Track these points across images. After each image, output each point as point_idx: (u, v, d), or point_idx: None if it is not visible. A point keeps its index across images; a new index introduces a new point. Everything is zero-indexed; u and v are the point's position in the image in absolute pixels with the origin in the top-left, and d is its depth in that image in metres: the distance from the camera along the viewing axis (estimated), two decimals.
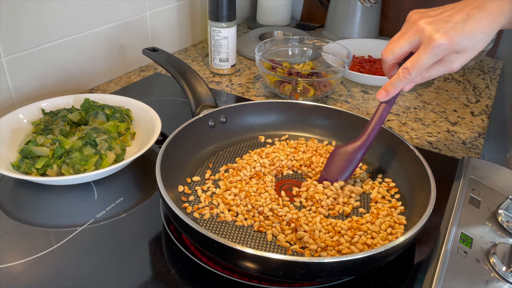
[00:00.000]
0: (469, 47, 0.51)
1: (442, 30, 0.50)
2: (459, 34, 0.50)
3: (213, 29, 0.96)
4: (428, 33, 0.51)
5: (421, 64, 0.52)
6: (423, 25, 0.52)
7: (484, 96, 0.97)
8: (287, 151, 0.70)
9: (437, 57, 0.52)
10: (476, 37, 0.51)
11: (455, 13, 0.52)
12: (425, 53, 0.51)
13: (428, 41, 0.51)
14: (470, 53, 0.52)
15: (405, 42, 0.54)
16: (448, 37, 0.50)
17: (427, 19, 0.52)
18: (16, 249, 0.53)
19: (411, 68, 0.53)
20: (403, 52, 0.55)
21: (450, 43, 0.50)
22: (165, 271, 0.51)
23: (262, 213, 0.57)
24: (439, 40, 0.50)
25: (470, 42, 0.51)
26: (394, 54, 0.55)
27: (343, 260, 0.43)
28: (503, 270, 0.48)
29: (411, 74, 0.53)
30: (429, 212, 0.50)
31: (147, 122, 0.72)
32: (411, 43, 0.54)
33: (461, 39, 0.50)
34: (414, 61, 0.53)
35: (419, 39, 0.52)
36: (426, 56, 0.51)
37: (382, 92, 0.57)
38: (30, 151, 0.61)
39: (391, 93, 0.56)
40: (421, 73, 0.54)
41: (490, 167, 0.67)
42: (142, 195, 0.63)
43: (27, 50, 0.78)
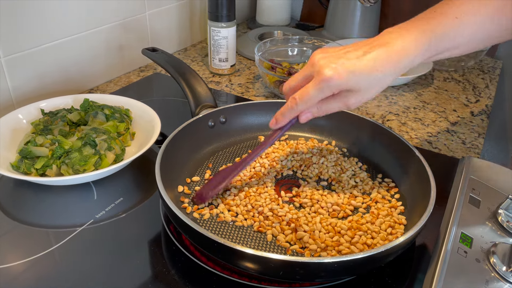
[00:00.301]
0: (363, 87, 0.50)
1: (332, 66, 0.49)
2: (347, 71, 0.49)
3: (213, 29, 0.96)
4: (318, 67, 0.50)
5: (308, 96, 0.52)
6: (317, 59, 0.51)
7: (484, 96, 0.97)
8: (287, 151, 0.70)
9: (324, 92, 0.51)
10: (370, 74, 0.50)
11: (353, 50, 0.51)
12: (312, 87, 0.51)
13: (317, 75, 0.50)
14: (366, 92, 0.51)
15: (300, 75, 0.54)
16: (336, 73, 0.49)
17: (324, 54, 0.51)
18: (15, 250, 0.53)
19: (298, 99, 0.53)
20: (297, 85, 0.55)
21: (338, 79, 0.49)
22: (165, 271, 0.51)
23: (262, 213, 0.57)
24: (326, 75, 0.49)
25: (363, 81, 0.50)
26: (290, 86, 0.56)
27: (343, 260, 0.43)
28: (503, 270, 0.48)
29: (298, 104, 0.53)
30: (429, 212, 0.50)
31: (147, 122, 0.72)
32: (304, 76, 0.54)
33: (351, 77, 0.49)
34: (302, 93, 0.52)
35: (311, 73, 0.52)
36: (312, 90, 0.51)
37: (273, 120, 0.57)
38: (30, 152, 0.61)
39: (281, 122, 0.56)
40: (310, 105, 0.53)
41: (490, 167, 0.66)
42: (141, 195, 0.63)
43: (26, 50, 0.78)
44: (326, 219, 0.56)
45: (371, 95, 0.52)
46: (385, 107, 0.90)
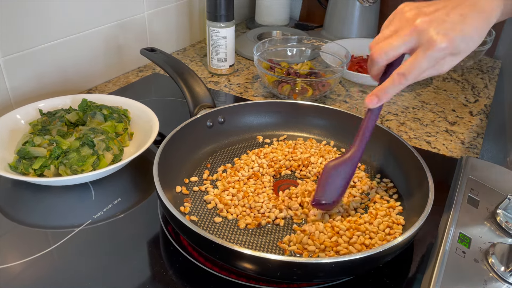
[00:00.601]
0: (464, 49, 0.48)
1: (442, 32, 0.47)
2: (458, 36, 0.47)
3: (212, 29, 0.96)
4: (429, 36, 0.47)
5: (419, 69, 0.48)
6: (422, 25, 0.47)
7: (483, 96, 0.97)
8: (285, 151, 0.70)
9: (437, 61, 0.48)
10: (473, 38, 0.48)
11: (451, 11, 0.48)
12: (425, 58, 0.47)
13: (428, 44, 0.47)
14: (463, 55, 0.49)
15: (401, 43, 0.49)
16: (448, 40, 0.47)
17: (424, 18, 0.48)
18: (13, 250, 0.53)
19: (408, 73, 0.48)
20: (397, 54, 0.50)
21: (451, 46, 0.47)
22: (163, 272, 0.50)
23: (263, 215, 0.57)
24: (441, 43, 0.46)
25: (467, 44, 0.48)
26: (387, 56, 0.50)
27: (341, 260, 0.43)
28: (501, 270, 0.48)
29: (408, 79, 0.49)
30: (427, 212, 0.50)
31: (145, 122, 0.72)
32: (408, 45, 0.49)
33: (460, 41, 0.47)
34: (412, 66, 0.48)
35: (417, 41, 0.48)
36: (425, 61, 0.48)
37: (373, 98, 0.52)
38: (28, 152, 0.61)
39: (383, 99, 0.51)
40: (417, 77, 0.49)
41: (489, 167, 0.66)
42: (139, 195, 0.63)
43: (24, 50, 0.78)
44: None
45: (463, 57, 0.50)
46: (384, 107, 0.90)
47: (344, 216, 0.57)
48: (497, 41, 1.20)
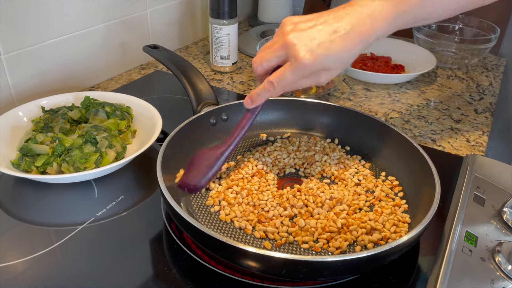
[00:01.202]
0: (334, 66, 0.52)
1: (308, 49, 0.49)
2: (323, 54, 0.49)
3: (214, 26, 0.95)
4: (294, 51, 0.50)
5: (286, 80, 0.52)
6: (291, 39, 0.50)
7: (488, 94, 0.96)
8: (290, 149, 0.69)
9: (302, 75, 0.51)
10: (340, 57, 0.51)
11: (325, 28, 0.50)
12: (290, 71, 0.51)
13: (294, 60, 0.50)
14: (336, 70, 0.53)
15: (273, 55, 0.53)
16: (313, 58, 0.49)
17: (296, 33, 0.50)
18: (16, 248, 0.53)
19: (275, 82, 0.53)
20: (271, 65, 0.54)
21: (314, 63, 0.50)
22: (166, 270, 0.50)
23: (266, 215, 0.56)
24: (305, 60, 0.49)
25: (334, 62, 0.51)
26: (262, 67, 0.55)
27: (346, 259, 0.43)
28: (508, 269, 0.48)
29: (275, 88, 0.53)
30: (433, 211, 0.49)
31: (148, 119, 0.71)
32: (278, 58, 0.53)
33: (326, 59, 0.50)
34: (279, 77, 0.52)
35: (285, 54, 0.52)
36: (290, 74, 0.51)
37: (248, 100, 0.57)
38: (30, 149, 0.61)
39: (256, 102, 0.56)
40: (286, 88, 0.54)
41: (495, 164, 0.66)
42: (143, 193, 0.63)
43: (27, 47, 0.77)
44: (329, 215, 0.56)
45: (340, 71, 0.54)
46: (388, 104, 0.89)
47: (350, 214, 0.56)
48: (502, 39, 1.19)
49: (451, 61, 1.08)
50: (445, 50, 1.09)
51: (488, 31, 1.10)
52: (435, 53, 1.05)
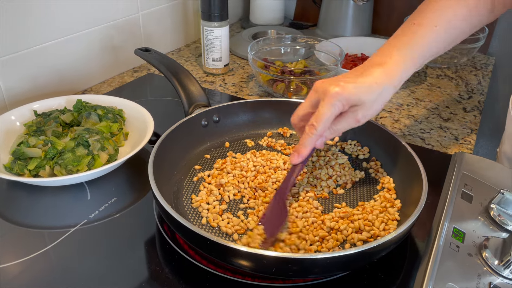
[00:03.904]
0: (367, 100, 0.54)
1: (335, 84, 0.53)
2: (350, 84, 0.53)
3: (206, 29, 0.96)
4: (323, 89, 0.54)
5: (323, 116, 0.53)
6: (319, 85, 0.55)
7: (477, 92, 0.97)
8: (284, 157, 0.69)
9: (336, 107, 0.53)
10: (370, 87, 0.54)
11: (352, 72, 0.56)
12: (324, 106, 0.53)
13: (324, 95, 0.53)
14: (371, 106, 0.54)
15: (306, 103, 0.57)
16: (340, 88, 0.52)
17: (324, 81, 0.55)
18: (9, 251, 0.53)
19: (315, 123, 0.54)
20: (305, 112, 0.57)
21: (343, 91, 0.52)
22: (159, 270, 0.51)
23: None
24: (332, 90, 0.52)
25: (364, 92, 0.53)
26: (298, 116, 0.58)
27: (335, 255, 0.44)
28: (495, 264, 0.49)
29: (317, 129, 0.54)
30: (420, 208, 0.50)
31: (140, 122, 0.72)
32: (310, 103, 0.56)
33: (353, 88, 0.53)
34: (317, 115, 0.54)
35: (316, 98, 0.55)
36: (326, 108, 0.53)
37: (295, 154, 0.57)
38: (22, 153, 0.61)
39: (304, 153, 0.57)
40: (327, 126, 0.55)
41: (482, 162, 0.67)
42: (135, 195, 0.63)
43: (19, 51, 0.78)
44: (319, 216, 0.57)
45: (376, 109, 0.55)
46: None
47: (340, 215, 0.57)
48: (490, 38, 1.21)
49: (440, 60, 1.09)
50: None
51: (477, 31, 1.11)
52: None
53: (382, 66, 0.55)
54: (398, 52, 0.56)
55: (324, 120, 0.54)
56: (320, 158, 0.68)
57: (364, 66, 0.56)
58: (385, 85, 0.55)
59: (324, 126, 0.54)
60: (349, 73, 0.56)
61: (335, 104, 0.53)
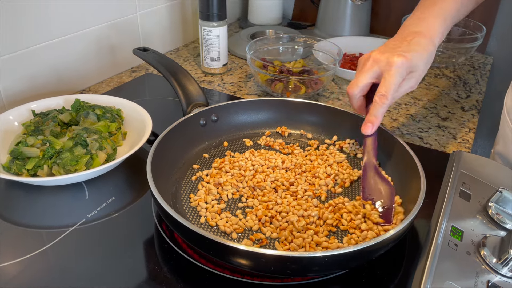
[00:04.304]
0: (421, 65, 0.59)
1: (397, 53, 0.57)
2: (410, 54, 0.58)
3: (204, 29, 0.96)
4: (386, 60, 0.58)
5: (393, 85, 0.57)
6: (378, 56, 0.59)
7: (475, 92, 0.98)
8: (283, 156, 0.69)
9: (402, 76, 0.58)
10: (423, 54, 0.59)
11: (399, 42, 0.60)
12: (392, 75, 0.57)
13: (388, 66, 0.57)
14: (421, 70, 0.60)
15: (367, 74, 0.60)
16: (404, 57, 0.57)
17: (378, 53, 0.59)
18: (7, 250, 0.53)
19: (386, 92, 0.57)
20: (367, 83, 0.60)
21: (407, 61, 0.57)
22: (157, 269, 0.51)
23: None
24: (398, 61, 0.57)
25: (419, 60, 0.59)
26: (359, 87, 0.61)
27: (333, 254, 0.44)
28: (493, 262, 0.49)
29: (388, 98, 0.58)
30: (418, 206, 0.50)
31: (138, 122, 0.72)
32: (372, 73, 0.60)
33: (413, 57, 0.58)
34: (386, 85, 0.58)
35: (378, 69, 0.59)
36: (394, 78, 0.57)
37: (368, 125, 0.60)
38: (20, 152, 0.61)
39: (376, 123, 0.60)
40: (394, 95, 0.59)
41: (480, 161, 0.67)
42: (133, 194, 0.63)
43: (17, 51, 0.78)
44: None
45: (424, 73, 0.61)
46: None
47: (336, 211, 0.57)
48: (488, 37, 1.21)
49: (438, 60, 1.09)
50: None
51: (475, 30, 1.12)
52: None
53: (424, 35, 0.60)
54: (432, 21, 0.62)
55: (393, 89, 0.57)
56: (319, 157, 0.68)
57: (407, 35, 0.61)
58: (432, 51, 0.60)
59: (393, 94, 0.58)
60: (398, 42, 0.60)
61: (401, 73, 0.57)
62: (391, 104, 0.59)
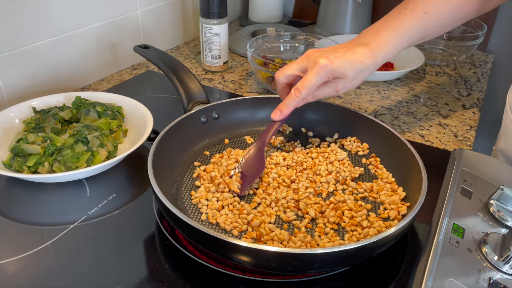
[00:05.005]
0: (349, 74, 0.59)
1: (324, 56, 0.58)
2: (338, 59, 0.58)
3: (205, 26, 0.96)
4: (313, 58, 0.59)
5: (309, 83, 0.59)
6: (311, 53, 0.60)
7: (476, 90, 0.97)
8: (284, 154, 0.69)
9: (322, 77, 0.59)
10: (355, 64, 0.59)
11: (340, 48, 0.61)
12: (312, 74, 0.59)
13: (313, 64, 0.59)
14: (352, 80, 0.60)
15: (295, 65, 0.62)
16: (329, 60, 0.58)
17: (316, 50, 0.60)
18: (8, 247, 0.53)
19: (301, 88, 0.59)
20: (292, 73, 0.62)
21: (331, 64, 0.58)
22: (159, 266, 0.51)
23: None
24: (321, 62, 0.58)
25: (349, 68, 0.59)
26: (284, 75, 0.63)
27: (335, 251, 0.43)
28: (495, 259, 0.49)
29: (302, 93, 0.60)
30: (420, 204, 0.50)
31: (139, 119, 0.72)
32: (299, 66, 0.61)
33: (340, 63, 0.58)
34: (303, 82, 0.59)
35: (306, 64, 0.60)
36: (313, 76, 0.59)
37: (277, 111, 0.63)
38: (21, 149, 0.61)
39: (285, 112, 0.62)
40: (311, 92, 0.60)
41: (482, 158, 0.67)
42: (134, 191, 0.63)
43: (18, 48, 0.78)
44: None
45: (356, 83, 0.61)
46: (377, 101, 0.90)
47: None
48: (489, 35, 1.21)
49: (439, 58, 1.09)
50: (434, 47, 1.11)
51: (476, 28, 1.11)
52: (423, 50, 1.07)
53: (368, 47, 0.60)
54: (385, 34, 0.61)
55: (309, 87, 0.59)
56: (320, 155, 0.68)
57: (353, 43, 0.61)
58: (369, 64, 0.60)
59: (308, 91, 0.60)
60: (339, 47, 0.61)
61: (321, 74, 0.58)
62: (306, 100, 0.61)
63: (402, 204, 0.57)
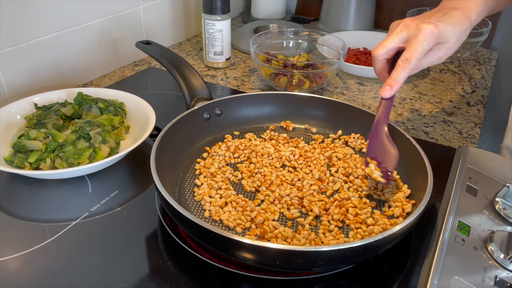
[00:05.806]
0: (450, 39, 0.58)
1: (428, 21, 0.56)
2: (442, 24, 0.56)
3: (207, 22, 0.95)
4: (415, 25, 0.57)
5: (417, 51, 0.56)
6: (409, 22, 0.58)
7: (480, 87, 0.97)
8: (290, 145, 0.69)
9: (429, 44, 0.56)
10: (456, 27, 0.58)
11: (434, 13, 0.59)
12: (419, 41, 0.56)
13: (417, 31, 0.56)
14: (451, 43, 0.58)
15: (395, 37, 0.58)
16: (434, 25, 0.56)
17: (410, 18, 0.58)
18: (9, 244, 0.53)
19: (410, 58, 0.56)
20: (393, 46, 0.59)
21: (436, 29, 0.56)
22: (161, 263, 0.50)
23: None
24: (427, 28, 0.56)
25: (451, 32, 0.57)
26: (385, 48, 0.59)
27: (340, 248, 0.43)
28: (501, 258, 0.48)
29: (412, 63, 0.56)
30: (425, 202, 0.50)
31: (141, 115, 0.71)
32: (399, 37, 0.58)
33: (444, 27, 0.57)
34: (411, 50, 0.56)
35: (407, 34, 0.58)
36: (420, 44, 0.56)
37: (387, 88, 0.58)
38: (23, 145, 0.61)
39: (396, 87, 0.58)
40: (418, 62, 0.57)
41: (487, 155, 0.66)
42: (137, 188, 0.63)
43: (19, 44, 0.77)
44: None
45: (455, 48, 0.60)
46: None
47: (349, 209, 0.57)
48: (494, 32, 1.20)
49: None
50: None
51: (480, 25, 1.10)
52: None
53: (462, 10, 0.59)
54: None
55: (418, 56, 0.56)
56: (323, 150, 0.68)
57: (445, 8, 0.60)
58: (467, 26, 0.59)
59: (417, 61, 0.57)
60: (432, 14, 0.59)
61: (429, 40, 0.56)
62: (414, 71, 0.58)
63: (407, 201, 0.56)
